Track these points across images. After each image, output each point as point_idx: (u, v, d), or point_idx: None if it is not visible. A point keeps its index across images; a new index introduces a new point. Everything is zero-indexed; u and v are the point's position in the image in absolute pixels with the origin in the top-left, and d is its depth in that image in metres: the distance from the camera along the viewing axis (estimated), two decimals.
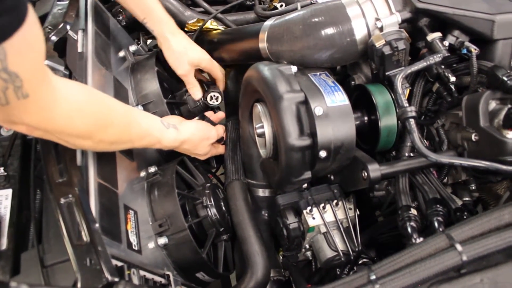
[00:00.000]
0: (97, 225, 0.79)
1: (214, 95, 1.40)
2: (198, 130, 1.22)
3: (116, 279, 0.70)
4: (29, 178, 1.00)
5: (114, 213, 0.94)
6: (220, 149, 1.33)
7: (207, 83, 1.46)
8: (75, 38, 1.15)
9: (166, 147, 1.13)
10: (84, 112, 0.85)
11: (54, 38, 1.12)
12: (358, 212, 1.14)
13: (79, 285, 0.70)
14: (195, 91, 1.38)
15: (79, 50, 1.13)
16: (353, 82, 1.21)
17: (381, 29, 1.00)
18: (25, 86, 0.67)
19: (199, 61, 1.36)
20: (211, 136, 1.26)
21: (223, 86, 1.46)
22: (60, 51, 1.11)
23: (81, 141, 0.87)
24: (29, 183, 0.99)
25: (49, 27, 1.15)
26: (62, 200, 0.81)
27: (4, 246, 0.85)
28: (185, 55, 1.32)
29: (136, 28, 1.58)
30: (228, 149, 1.31)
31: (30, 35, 0.66)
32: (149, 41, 1.71)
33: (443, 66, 1.02)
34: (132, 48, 1.44)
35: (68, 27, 1.15)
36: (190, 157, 1.26)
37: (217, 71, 1.42)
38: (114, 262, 0.78)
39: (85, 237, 0.75)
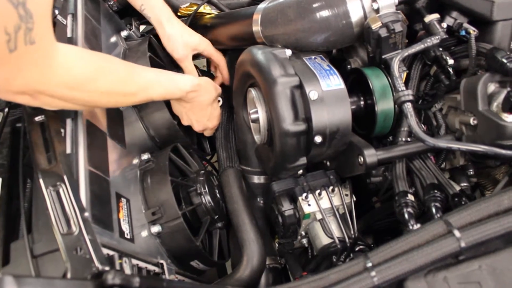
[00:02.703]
0: (86, 213, 0.77)
1: None
2: (205, 79, 1.22)
3: (107, 268, 0.68)
4: (19, 166, 0.98)
5: (106, 202, 0.92)
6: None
7: (202, 71, 1.43)
8: (64, 23, 1.12)
9: (187, 91, 1.12)
10: (84, 59, 0.87)
11: None
12: (355, 199, 1.13)
13: (68, 275, 0.68)
14: None
15: (69, 35, 1.10)
16: (349, 66, 1.19)
17: (377, 11, 0.97)
18: (34, 30, 0.68)
19: (196, 45, 1.33)
20: (214, 86, 1.25)
21: (226, 73, 1.42)
22: None
23: (80, 94, 0.87)
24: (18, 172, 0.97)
25: None
26: (51, 188, 0.79)
27: None
28: (180, 39, 1.30)
29: (128, 13, 1.54)
30: (221, 136, 1.29)
31: None
32: (141, 27, 1.68)
33: (441, 49, 1.00)
34: (124, 33, 1.41)
35: (56, 11, 1.11)
36: (183, 144, 1.24)
37: (218, 57, 1.39)
38: (106, 251, 0.76)
39: (74, 226, 0.73)
